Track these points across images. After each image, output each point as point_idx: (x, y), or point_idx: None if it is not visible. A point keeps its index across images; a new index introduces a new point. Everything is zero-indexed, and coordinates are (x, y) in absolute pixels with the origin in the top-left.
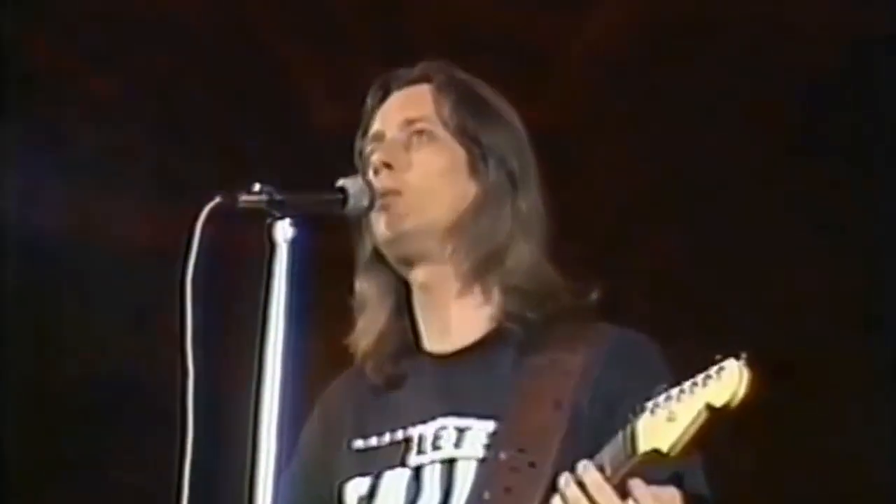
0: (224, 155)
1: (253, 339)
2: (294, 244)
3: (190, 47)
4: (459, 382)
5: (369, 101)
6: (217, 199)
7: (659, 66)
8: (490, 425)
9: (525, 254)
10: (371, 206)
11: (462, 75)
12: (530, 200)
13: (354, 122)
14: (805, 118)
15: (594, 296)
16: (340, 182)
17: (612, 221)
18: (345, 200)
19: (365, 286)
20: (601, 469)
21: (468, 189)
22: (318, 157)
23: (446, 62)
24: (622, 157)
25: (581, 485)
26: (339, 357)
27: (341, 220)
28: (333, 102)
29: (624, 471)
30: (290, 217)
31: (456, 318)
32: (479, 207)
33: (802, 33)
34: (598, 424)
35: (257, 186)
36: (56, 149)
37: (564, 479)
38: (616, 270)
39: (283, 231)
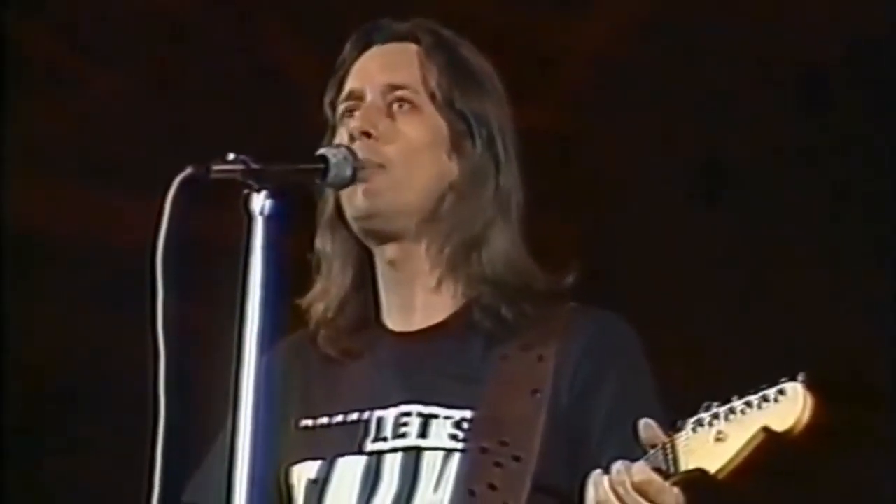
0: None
1: (231, 317)
2: (271, 217)
3: (190, 47)
4: (424, 367)
5: (348, 48)
6: (188, 170)
7: (659, 66)
8: (458, 414)
9: (502, 241)
10: (354, 177)
11: (449, 35)
12: (511, 176)
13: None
14: (807, 117)
15: (570, 280)
16: (321, 150)
17: (612, 223)
18: (326, 170)
19: (327, 245)
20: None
21: (449, 168)
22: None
23: (433, 20)
24: (622, 157)
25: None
26: None
27: (322, 191)
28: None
29: None
30: (267, 188)
31: (421, 298)
32: (461, 191)
33: (804, 32)
34: (577, 412)
35: (231, 156)
36: (54, 146)
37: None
38: (615, 269)
39: (260, 203)
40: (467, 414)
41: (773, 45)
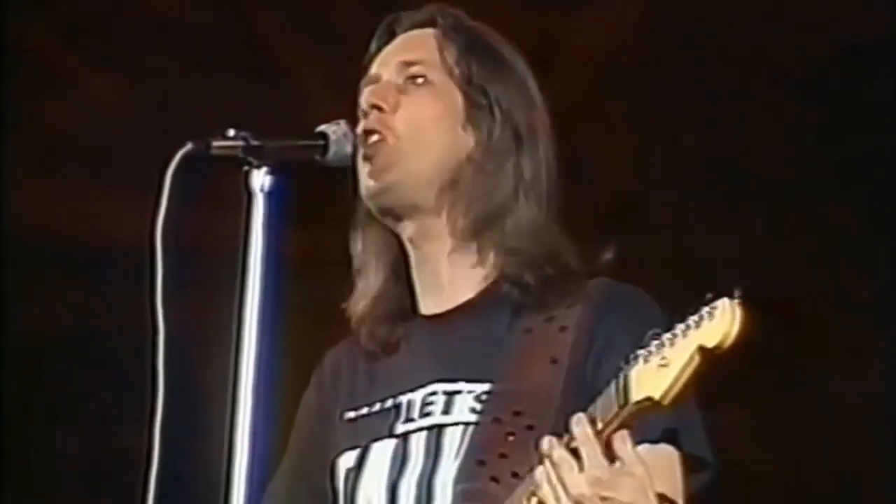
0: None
1: (231, 294)
2: (272, 194)
3: (189, 47)
4: (450, 346)
5: (374, 44)
6: (189, 146)
7: (659, 66)
8: (479, 388)
9: (527, 217)
10: (354, 154)
11: (471, 22)
12: (537, 160)
13: (354, 121)
14: (805, 117)
15: (606, 258)
16: (321, 127)
17: (613, 221)
18: (326, 147)
19: (359, 244)
20: (592, 422)
21: (465, 140)
22: None
23: (454, 8)
24: (621, 156)
25: (571, 438)
26: (323, 314)
27: (323, 169)
28: (333, 102)
29: (617, 422)
30: (268, 165)
31: (448, 276)
32: (478, 162)
33: (804, 33)
34: (595, 380)
35: (231, 132)
36: (55, 148)
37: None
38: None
39: (260, 180)
40: (487, 387)
41: (774, 45)
